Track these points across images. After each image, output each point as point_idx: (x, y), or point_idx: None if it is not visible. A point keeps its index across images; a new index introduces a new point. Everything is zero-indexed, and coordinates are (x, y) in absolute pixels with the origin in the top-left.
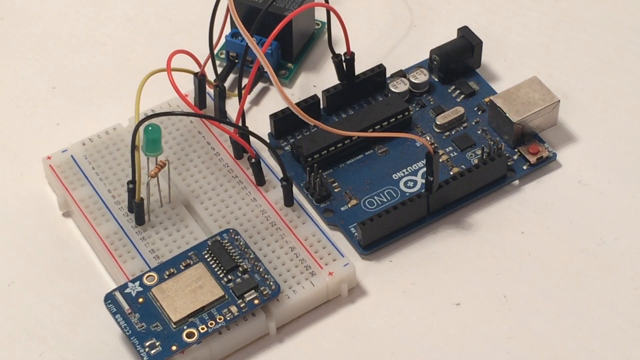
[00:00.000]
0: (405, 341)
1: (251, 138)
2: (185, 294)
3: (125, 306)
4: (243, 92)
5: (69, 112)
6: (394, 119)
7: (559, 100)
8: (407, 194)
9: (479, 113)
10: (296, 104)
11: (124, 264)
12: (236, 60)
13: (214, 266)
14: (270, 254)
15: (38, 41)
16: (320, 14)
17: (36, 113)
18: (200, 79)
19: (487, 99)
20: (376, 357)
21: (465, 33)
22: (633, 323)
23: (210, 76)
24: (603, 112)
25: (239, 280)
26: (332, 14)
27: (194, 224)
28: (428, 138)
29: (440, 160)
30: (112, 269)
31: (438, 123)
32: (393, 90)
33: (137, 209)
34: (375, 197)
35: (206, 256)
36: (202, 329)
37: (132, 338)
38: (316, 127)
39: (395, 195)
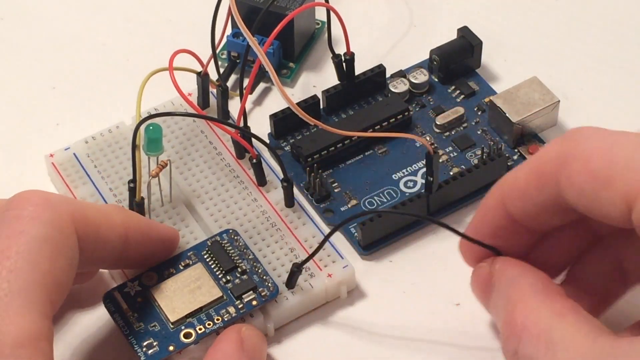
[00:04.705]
0: (405, 342)
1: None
2: (184, 294)
3: (124, 305)
4: (244, 92)
5: (69, 112)
6: (394, 119)
7: (559, 101)
8: (407, 194)
9: (479, 113)
10: (296, 103)
11: None
12: (237, 60)
13: (212, 266)
14: (269, 255)
15: (38, 41)
16: (320, 14)
17: (36, 113)
18: (203, 78)
19: (487, 99)
20: (376, 357)
21: (465, 33)
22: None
23: (213, 76)
24: (603, 112)
25: (237, 281)
26: (332, 13)
27: (195, 223)
28: (428, 138)
29: (440, 160)
30: None
31: (438, 123)
32: (393, 90)
33: (138, 209)
34: (375, 197)
35: (205, 256)
36: (200, 329)
37: (129, 337)
38: (316, 127)
39: (395, 196)
